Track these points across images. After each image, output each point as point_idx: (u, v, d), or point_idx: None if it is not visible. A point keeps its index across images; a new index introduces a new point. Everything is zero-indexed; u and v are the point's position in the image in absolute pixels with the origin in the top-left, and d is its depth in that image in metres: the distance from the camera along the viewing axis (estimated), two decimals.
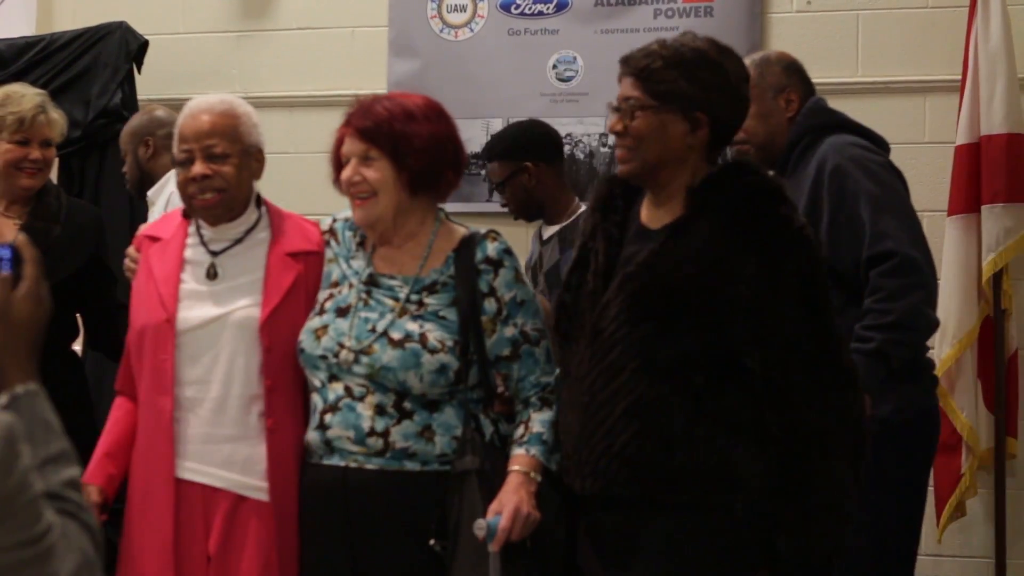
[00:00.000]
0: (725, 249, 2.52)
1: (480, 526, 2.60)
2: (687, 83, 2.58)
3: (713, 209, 2.56)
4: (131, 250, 3.08)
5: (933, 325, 3.25)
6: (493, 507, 2.64)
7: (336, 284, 2.88)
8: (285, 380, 2.85)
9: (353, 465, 2.74)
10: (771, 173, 3.27)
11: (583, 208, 3.88)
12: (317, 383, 2.81)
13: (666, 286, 2.53)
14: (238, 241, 2.94)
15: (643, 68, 2.60)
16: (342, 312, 2.81)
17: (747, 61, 3.39)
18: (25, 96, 3.67)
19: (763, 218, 2.54)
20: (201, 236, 2.95)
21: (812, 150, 3.29)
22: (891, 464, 3.14)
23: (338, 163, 2.86)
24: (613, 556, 2.62)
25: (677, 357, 2.51)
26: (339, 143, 2.85)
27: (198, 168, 2.86)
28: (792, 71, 3.41)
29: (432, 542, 2.67)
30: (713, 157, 2.66)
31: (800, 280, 2.52)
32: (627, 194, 2.73)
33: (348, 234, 2.93)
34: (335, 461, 2.76)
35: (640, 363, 2.52)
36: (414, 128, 2.77)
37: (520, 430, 2.76)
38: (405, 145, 2.76)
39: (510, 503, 2.64)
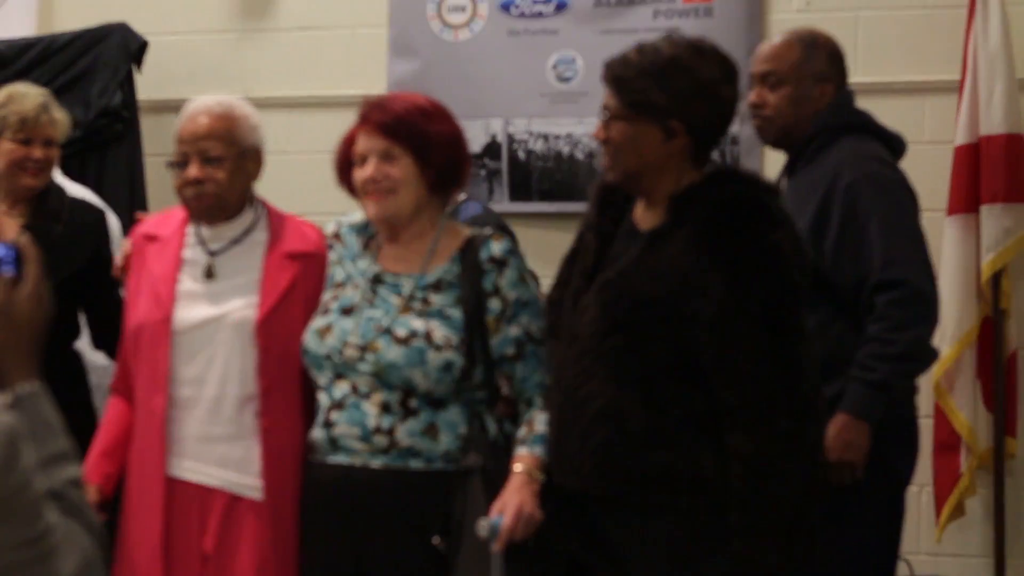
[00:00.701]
0: (695, 263, 2.50)
1: (483, 526, 2.61)
2: (660, 92, 2.56)
3: (692, 219, 2.54)
4: (126, 243, 3.09)
5: (934, 358, 3.26)
6: (496, 507, 2.65)
7: (340, 285, 2.88)
8: (281, 381, 2.86)
9: (358, 463, 2.75)
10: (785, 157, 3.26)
11: (462, 198, 3.92)
12: (323, 382, 2.82)
13: (635, 299, 2.53)
14: (236, 241, 2.95)
15: (618, 77, 2.60)
16: (347, 312, 2.82)
17: (792, 37, 3.32)
18: (28, 95, 3.67)
19: (736, 233, 2.51)
20: (199, 236, 2.96)
21: (828, 149, 3.22)
22: (872, 474, 3.12)
23: (345, 162, 2.86)
24: (596, 553, 2.64)
25: (644, 368, 2.52)
26: (349, 143, 2.85)
27: (192, 171, 2.88)
28: (836, 60, 3.34)
29: (436, 540, 2.68)
30: (701, 160, 2.64)
31: (767, 302, 2.48)
32: (628, 196, 2.73)
33: (353, 237, 2.93)
34: (340, 459, 2.77)
35: (609, 372, 2.53)
36: (434, 127, 2.80)
37: (523, 429, 2.77)
38: (428, 142, 2.78)
39: (513, 503, 2.64)
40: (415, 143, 2.77)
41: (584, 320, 2.59)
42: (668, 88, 2.56)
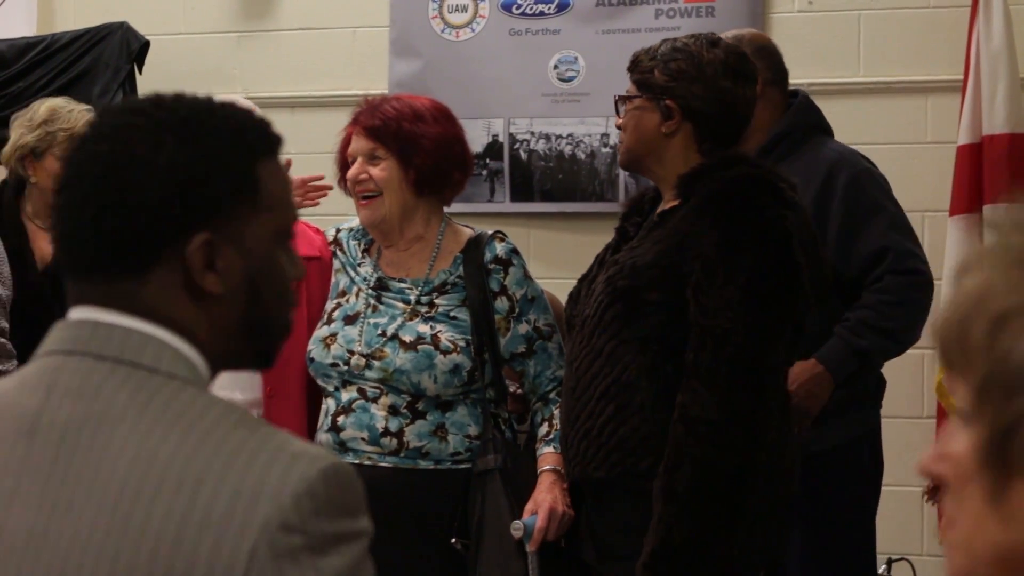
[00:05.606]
0: (693, 227, 2.50)
1: (517, 527, 2.61)
2: (660, 73, 2.62)
3: (697, 193, 2.55)
4: None
5: (908, 347, 3.24)
6: (528, 507, 2.65)
7: (344, 293, 2.88)
8: (285, 387, 2.86)
9: (367, 463, 2.75)
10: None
11: None
12: (330, 388, 2.82)
13: (635, 265, 2.55)
14: None
15: (633, 62, 2.68)
16: (350, 320, 2.82)
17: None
18: (74, 112, 3.63)
19: (739, 203, 2.50)
20: None
21: (800, 148, 3.22)
22: (838, 486, 3.13)
23: (344, 163, 2.87)
24: (599, 546, 2.63)
25: (644, 336, 2.50)
26: (346, 142, 2.86)
27: None
28: (776, 63, 3.32)
29: (453, 541, 2.68)
30: (710, 151, 2.62)
31: (756, 271, 2.44)
32: (656, 198, 2.74)
33: (353, 243, 2.93)
34: (348, 459, 2.77)
35: (614, 344, 2.53)
36: (422, 129, 2.78)
37: (544, 428, 2.78)
38: (412, 145, 2.77)
39: (545, 502, 2.64)
40: (399, 145, 2.77)
41: (592, 299, 2.60)
42: (667, 69, 2.62)
